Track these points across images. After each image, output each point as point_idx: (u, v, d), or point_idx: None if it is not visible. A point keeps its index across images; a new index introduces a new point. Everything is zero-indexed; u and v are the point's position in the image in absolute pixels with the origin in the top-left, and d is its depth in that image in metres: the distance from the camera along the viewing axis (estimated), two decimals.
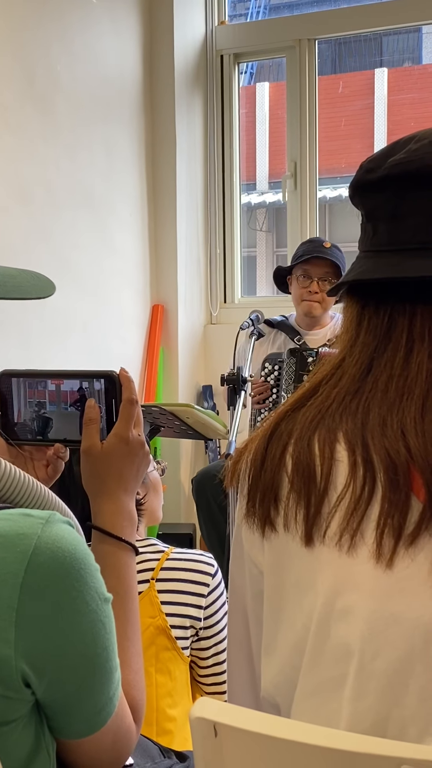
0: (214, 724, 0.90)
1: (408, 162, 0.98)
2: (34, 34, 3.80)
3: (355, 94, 8.55)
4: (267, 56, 5.04)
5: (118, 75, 4.41)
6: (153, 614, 1.86)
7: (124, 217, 4.49)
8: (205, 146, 4.95)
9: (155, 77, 4.66)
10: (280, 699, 1.00)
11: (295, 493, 0.98)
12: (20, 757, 0.98)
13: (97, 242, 4.29)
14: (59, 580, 0.95)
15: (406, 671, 0.91)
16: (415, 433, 0.93)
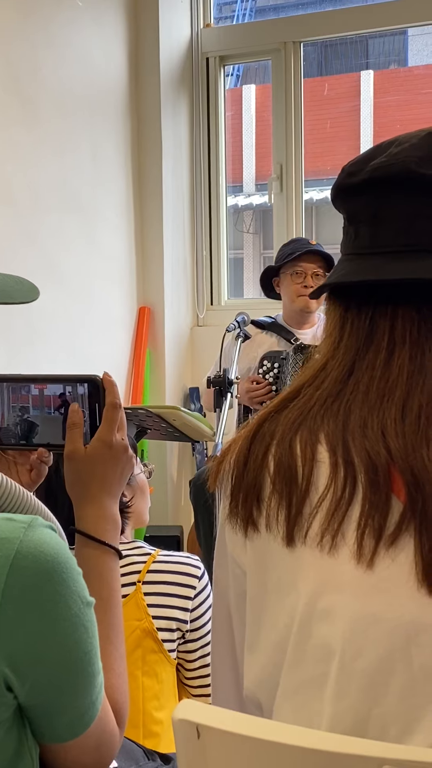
0: (197, 726, 0.90)
1: (389, 166, 0.99)
2: (20, 35, 3.80)
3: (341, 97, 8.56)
4: (253, 59, 5.05)
5: (103, 77, 4.42)
6: (139, 617, 1.86)
7: (110, 219, 4.50)
8: (191, 148, 4.95)
9: (141, 79, 4.67)
10: (262, 697, 1.01)
11: (277, 494, 0.98)
12: (2, 761, 0.98)
13: (83, 244, 4.29)
14: (41, 584, 0.95)
15: (387, 671, 0.91)
16: (395, 435, 0.93)
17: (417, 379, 0.96)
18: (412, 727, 0.90)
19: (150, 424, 3.29)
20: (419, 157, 0.97)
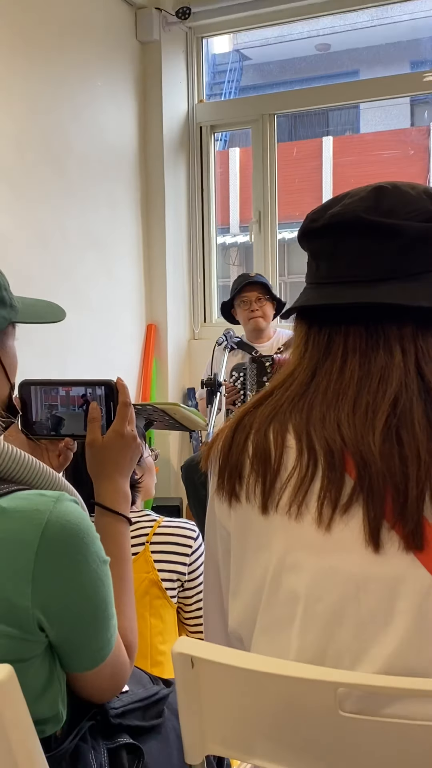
0: (191, 658, 0.91)
1: (343, 214, 0.99)
2: (52, 110, 3.80)
3: (307, 158, 8.57)
4: (237, 127, 5.04)
5: (118, 142, 4.41)
6: (147, 570, 1.86)
7: (123, 255, 4.49)
8: (188, 198, 4.95)
9: (148, 144, 4.66)
10: (243, 633, 1.01)
11: (255, 473, 0.98)
12: (36, 687, 0.98)
13: (102, 275, 4.28)
14: (67, 546, 0.96)
15: (341, 613, 0.91)
16: (348, 426, 0.94)
17: (365, 382, 0.96)
18: (361, 658, 0.90)
19: (156, 417, 3.28)
20: (366, 207, 0.98)
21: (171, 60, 4.75)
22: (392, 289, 0.96)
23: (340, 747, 0.86)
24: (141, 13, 4.52)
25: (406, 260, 0.97)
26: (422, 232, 0.96)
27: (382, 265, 0.97)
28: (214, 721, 0.93)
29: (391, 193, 0.98)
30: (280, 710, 0.88)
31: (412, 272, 0.96)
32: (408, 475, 0.90)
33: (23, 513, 0.94)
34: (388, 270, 0.97)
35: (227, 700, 0.91)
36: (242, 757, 0.94)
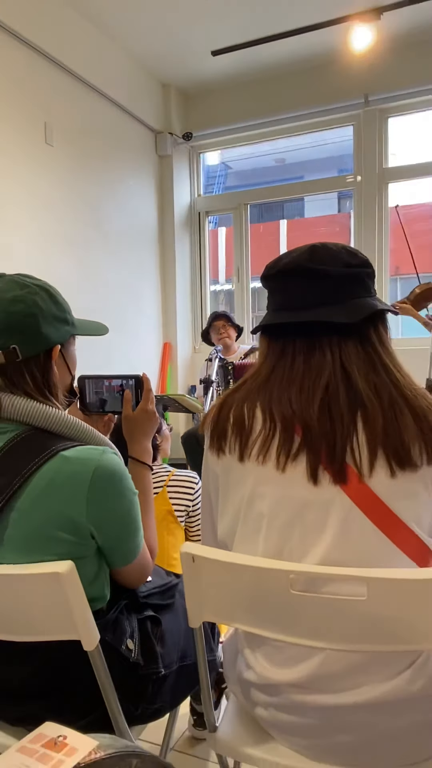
0: (193, 556, 0.91)
1: (288, 263, 0.99)
2: (99, 199, 3.81)
3: (269, 234, 8.61)
4: (223, 213, 5.03)
5: (144, 221, 4.42)
6: (164, 504, 1.86)
7: (147, 296, 4.50)
8: (190, 259, 4.96)
9: (164, 222, 4.67)
10: (227, 540, 1.01)
11: (234, 434, 0.98)
12: (89, 576, 0.98)
13: (133, 308, 4.29)
14: (109, 481, 0.96)
15: (292, 525, 0.92)
16: (296, 403, 0.94)
17: (307, 374, 0.95)
18: (305, 555, 0.90)
19: (170, 403, 3.30)
20: (305, 259, 0.97)
21: (179, 168, 4.74)
22: (323, 311, 0.95)
23: (291, 614, 0.86)
24: (159, 136, 4.53)
25: (332, 292, 0.95)
26: (342, 274, 0.96)
27: (315, 297, 0.96)
28: (208, 599, 0.92)
29: (321, 249, 0.98)
30: (252, 590, 0.88)
31: (336, 300, 0.95)
32: (335, 434, 0.90)
33: (81, 460, 0.94)
34: (319, 300, 0.96)
35: (217, 584, 0.91)
36: (227, 622, 0.94)
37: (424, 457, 0.88)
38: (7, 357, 0.97)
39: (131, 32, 3.76)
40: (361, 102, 4.12)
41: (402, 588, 0.81)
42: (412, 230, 3.21)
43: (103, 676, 0.94)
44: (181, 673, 1.15)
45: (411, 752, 0.94)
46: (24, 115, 3.19)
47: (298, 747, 0.97)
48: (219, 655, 1.37)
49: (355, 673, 0.90)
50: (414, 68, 3.92)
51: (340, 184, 4.58)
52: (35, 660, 0.98)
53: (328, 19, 3.63)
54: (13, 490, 0.91)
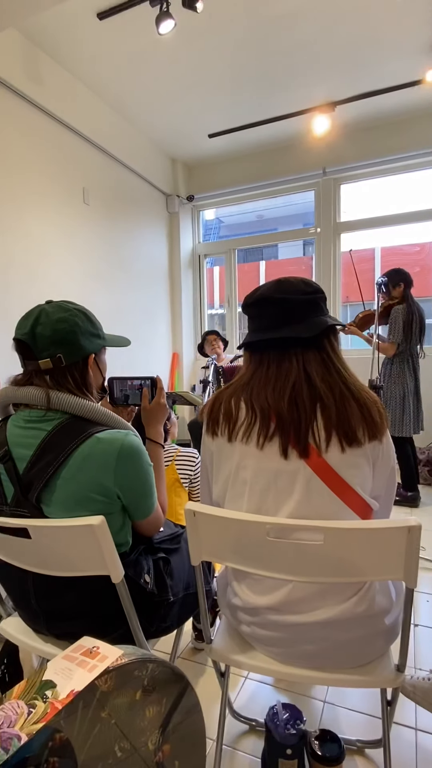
0: (194, 512, 0.90)
1: (258, 295, 0.98)
2: (122, 246, 3.78)
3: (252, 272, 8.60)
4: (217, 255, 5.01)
5: (158, 262, 4.38)
6: (173, 474, 1.84)
7: (160, 319, 4.46)
8: (193, 290, 4.92)
9: (173, 263, 4.63)
10: (220, 501, 1.00)
11: (224, 422, 0.97)
12: (116, 527, 0.98)
13: (149, 328, 4.26)
14: (131, 456, 0.95)
15: (268, 488, 0.91)
16: (271, 398, 0.93)
17: (279, 377, 0.94)
18: (278, 512, 0.90)
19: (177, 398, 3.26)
20: (273, 291, 0.96)
21: (184, 221, 4.70)
22: (288, 329, 0.94)
23: (267, 555, 0.86)
24: (169, 198, 4.50)
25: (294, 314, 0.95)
26: (300, 300, 0.95)
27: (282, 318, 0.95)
28: (205, 543, 0.92)
29: (284, 282, 0.97)
30: (238, 537, 0.88)
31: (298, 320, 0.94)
32: (300, 421, 0.90)
33: (110, 440, 0.93)
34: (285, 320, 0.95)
35: (211, 533, 0.90)
36: (219, 561, 0.94)
37: (366, 436, 0.89)
38: (54, 363, 0.97)
39: (148, 120, 3.75)
40: (320, 173, 4.12)
41: (349, 535, 0.81)
42: (358, 269, 3.21)
43: (126, 601, 0.94)
44: (186, 599, 1.15)
45: (358, 657, 0.94)
46: (68, 182, 3.18)
47: (273, 654, 0.97)
48: (214, 586, 1.37)
49: (315, 599, 0.91)
50: (361, 147, 3.93)
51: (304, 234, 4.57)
52: (76, 590, 0.97)
53: (295, 111, 3.64)
54: (59, 463, 0.91)
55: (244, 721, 1.28)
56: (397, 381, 2.87)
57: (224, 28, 2.72)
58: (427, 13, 2.64)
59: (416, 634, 1.62)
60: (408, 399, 2.85)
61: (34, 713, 0.63)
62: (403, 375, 2.86)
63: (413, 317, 2.84)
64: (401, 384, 2.86)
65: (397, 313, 2.83)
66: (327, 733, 1.10)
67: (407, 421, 2.84)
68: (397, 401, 2.86)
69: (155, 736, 0.73)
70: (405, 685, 1.19)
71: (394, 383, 2.88)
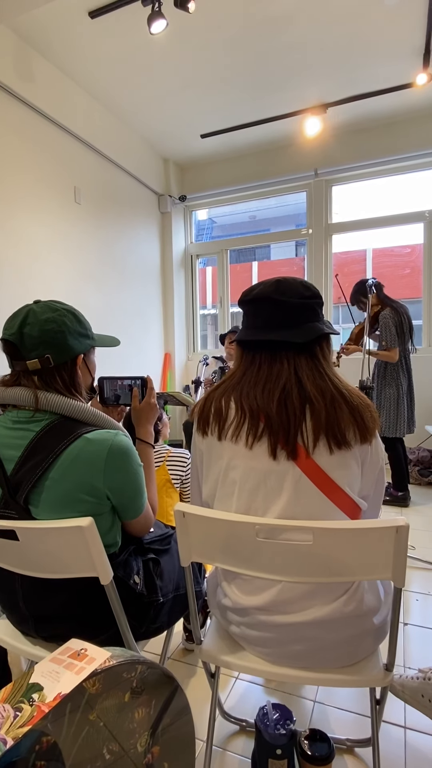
0: (183, 513, 0.90)
1: (257, 293, 0.97)
2: (116, 244, 3.77)
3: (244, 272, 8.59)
4: (210, 256, 5.01)
5: (150, 261, 4.37)
6: (164, 474, 1.84)
7: (153, 318, 4.45)
8: (185, 290, 4.92)
9: (165, 263, 4.62)
10: (210, 501, 1.00)
11: (214, 421, 0.97)
12: (105, 528, 0.97)
13: (142, 327, 4.24)
14: (121, 456, 0.94)
15: (257, 489, 0.91)
16: (261, 399, 0.93)
17: (269, 378, 0.94)
18: (267, 512, 0.90)
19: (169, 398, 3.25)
20: (271, 291, 0.96)
21: (176, 221, 4.70)
22: (283, 333, 0.94)
23: (256, 555, 0.86)
24: (161, 198, 4.49)
25: (290, 317, 0.95)
26: (298, 304, 0.95)
27: (278, 320, 0.95)
28: (195, 544, 0.92)
29: (283, 283, 0.97)
30: (227, 538, 0.88)
31: (293, 324, 0.94)
32: (289, 422, 0.89)
33: (99, 440, 0.92)
34: (281, 323, 0.95)
35: (201, 533, 0.90)
36: (209, 562, 0.94)
37: (357, 438, 0.89)
38: (43, 363, 0.96)
39: (140, 120, 3.74)
40: (312, 174, 4.13)
41: (338, 535, 0.81)
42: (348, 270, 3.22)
43: (115, 603, 0.94)
44: (176, 600, 1.14)
45: (346, 657, 0.94)
46: (59, 181, 3.16)
47: (262, 655, 0.97)
48: (204, 587, 1.37)
49: (304, 599, 0.91)
50: (351, 149, 3.95)
51: (296, 235, 4.59)
52: (64, 592, 0.97)
53: (288, 112, 3.65)
54: (48, 464, 0.90)
55: (234, 721, 1.28)
56: (391, 382, 2.87)
57: (217, 29, 2.72)
58: (417, 17, 2.66)
59: (405, 633, 1.63)
60: (402, 400, 2.85)
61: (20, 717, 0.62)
62: (397, 376, 2.86)
63: (401, 318, 2.84)
64: (396, 385, 2.86)
65: (386, 318, 2.83)
66: (317, 733, 1.10)
67: (401, 422, 2.85)
68: (392, 402, 2.85)
69: (144, 738, 0.72)
70: (394, 684, 1.19)
71: (389, 384, 2.87)
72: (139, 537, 1.09)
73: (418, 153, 3.74)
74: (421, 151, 3.72)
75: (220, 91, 3.36)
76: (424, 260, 3.93)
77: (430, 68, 3.09)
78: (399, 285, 4.59)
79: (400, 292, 3.14)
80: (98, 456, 0.91)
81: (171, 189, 4.55)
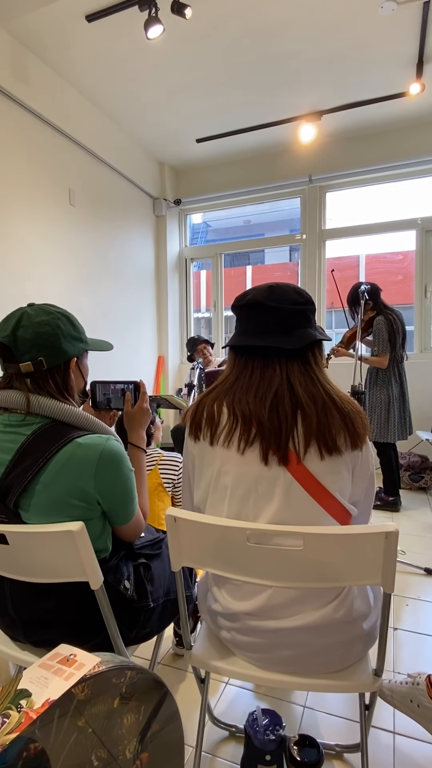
0: (175, 517, 0.90)
1: (253, 298, 0.97)
2: (111, 249, 3.76)
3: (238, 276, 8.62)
4: (204, 259, 5.01)
5: (144, 264, 4.37)
6: (156, 478, 1.83)
7: (147, 322, 4.44)
8: (179, 294, 4.92)
9: (160, 266, 4.62)
10: (201, 506, 1.00)
11: (206, 426, 0.97)
12: (96, 533, 0.97)
13: (135, 331, 4.23)
14: (112, 461, 0.94)
15: (248, 495, 0.91)
16: (252, 404, 0.93)
17: (261, 383, 0.94)
18: (258, 517, 0.90)
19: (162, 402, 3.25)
20: (264, 297, 0.96)
21: (171, 225, 4.70)
22: (276, 339, 0.94)
23: (247, 560, 0.86)
24: (156, 201, 4.49)
25: (282, 324, 0.95)
26: (290, 310, 0.95)
27: (270, 326, 0.95)
28: (186, 549, 0.92)
29: (276, 289, 0.97)
30: (218, 543, 0.88)
31: (285, 330, 0.95)
32: (281, 429, 0.90)
33: (90, 445, 0.92)
34: (273, 328, 0.95)
35: (192, 538, 0.90)
36: (200, 567, 0.94)
37: (348, 444, 0.90)
38: (35, 366, 0.96)
39: (136, 123, 3.75)
40: (306, 180, 4.17)
41: (329, 540, 0.81)
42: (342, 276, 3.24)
43: (105, 608, 0.93)
44: (166, 605, 1.14)
45: (336, 662, 0.94)
46: (54, 183, 3.16)
47: (252, 660, 0.97)
48: (195, 592, 1.36)
49: (295, 604, 0.91)
50: (346, 156, 3.99)
51: (290, 241, 4.61)
52: (54, 596, 0.96)
53: (283, 118, 3.68)
54: (38, 468, 0.90)
55: (224, 727, 1.27)
56: (382, 387, 2.89)
57: (214, 35, 2.74)
58: (411, 28, 2.70)
59: (395, 638, 1.63)
60: (393, 405, 2.87)
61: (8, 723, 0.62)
62: (388, 381, 2.88)
63: (394, 326, 2.86)
64: (386, 390, 2.88)
65: (380, 324, 2.84)
66: (306, 738, 1.10)
67: (391, 427, 2.87)
68: (383, 407, 2.87)
69: (133, 744, 0.72)
70: (383, 689, 1.20)
71: (380, 389, 2.90)
72: (130, 542, 1.08)
73: (410, 161, 3.78)
74: (414, 159, 3.77)
75: (216, 97, 3.38)
76: (416, 267, 3.97)
77: (423, 78, 3.13)
78: (391, 291, 4.62)
79: (392, 298, 3.17)
80: (89, 461, 0.91)
81: (166, 192, 4.57)
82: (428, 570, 2.11)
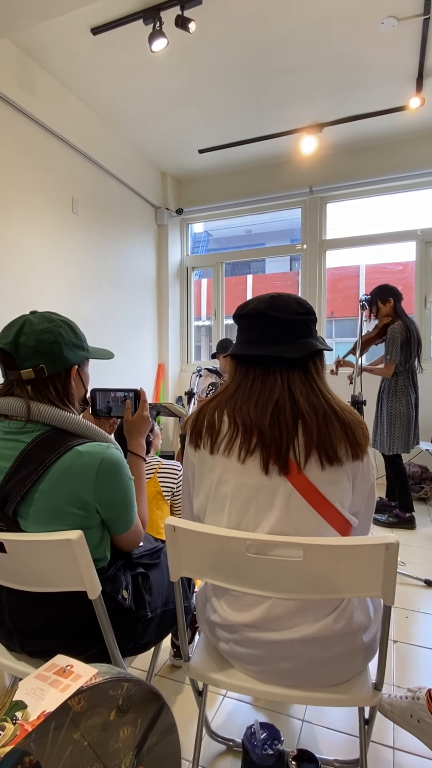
0: (174, 527, 0.89)
1: (252, 308, 0.98)
2: (112, 256, 3.78)
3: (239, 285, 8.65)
4: (205, 268, 5.04)
5: (146, 272, 4.39)
6: (155, 486, 1.82)
7: (147, 329, 4.45)
8: (180, 301, 4.93)
9: (161, 275, 4.64)
10: (200, 515, 0.99)
11: (207, 434, 0.97)
12: (94, 542, 0.96)
13: (136, 338, 4.24)
14: (112, 469, 0.94)
15: (248, 504, 0.91)
16: (253, 413, 0.93)
17: (262, 392, 0.94)
18: (258, 527, 0.89)
19: (161, 409, 3.25)
20: (266, 306, 0.96)
21: (173, 234, 4.73)
22: (277, 348, 0.94)
23: (246, 571, 0.86)
24: (158, 210, 4.53)
25: (284, 333, 0.95)
26: (292, 320, 0.95)
27: (272, 336, 0.96)
28: (185, 559, 0.91)
29: (278, 299, 0.97)
30: (218, 553, 0.87)
31: (287, 340, 0.95)
32: (282, 438, 0.89)
33: (90, 453, 0.92)
34: (275, 338, 0.95)
35: (191, 548, 0.90)
36: (199, 577, 0.93)
37: (349, 454, 0.89)
38: (37, 373, 0.96)
39: (140, 134, 3.79)
40: (307, 191, 4.21)
41: (329, 551, 0.81)
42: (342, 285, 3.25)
43: (103, 618, 0.92)
44: (164, 616, 1.13)
45: (335, 675, 0.93)
46: (57, 191, 3.18)
47: (251, 672, 0.96)
48: (193, 602, 1.35)
49: (294, 616, 0.90)
50: (346, 168, 4.03)
51: (291, 250, 4.64)
52: (51, 606, 0.95)
53: (284, 130, 3.72)
54: (38, 476, 0.89)
55: (222, 741, 1.26)
56: (402, 398, 2.77)
57: (217, 49, 2.78)
58: (411, 43, 2.75)
59: (395, 651, 1.62)
60: (413, 417, 2.76)
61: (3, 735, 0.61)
62: (407, 392, 2.77)
63: (411, 335, 2.76)
64: (406, 402, 2.76)
65: (395, 332, 2.75)
66: (304, 753, 1.08)
67: (411, 438, 2.76)
68: (403, 419, 2.75)
69: (129, 758, 0.71)
70: (383, 703, 1.18)
71: (399, 401, 2.77)
72: (129, 551, 1.07)
73: (410, 173, 3.82)
74: (414, 171, 3.81)
75: (219, 108, 3.42)
76: (416, 278, 3.99)
77: (423, 92, 3.18)
78: None
79: None
80: (89, 469, 0.90)
81: (168, 202, 4.60)
82: (428, 582, 2.09)
